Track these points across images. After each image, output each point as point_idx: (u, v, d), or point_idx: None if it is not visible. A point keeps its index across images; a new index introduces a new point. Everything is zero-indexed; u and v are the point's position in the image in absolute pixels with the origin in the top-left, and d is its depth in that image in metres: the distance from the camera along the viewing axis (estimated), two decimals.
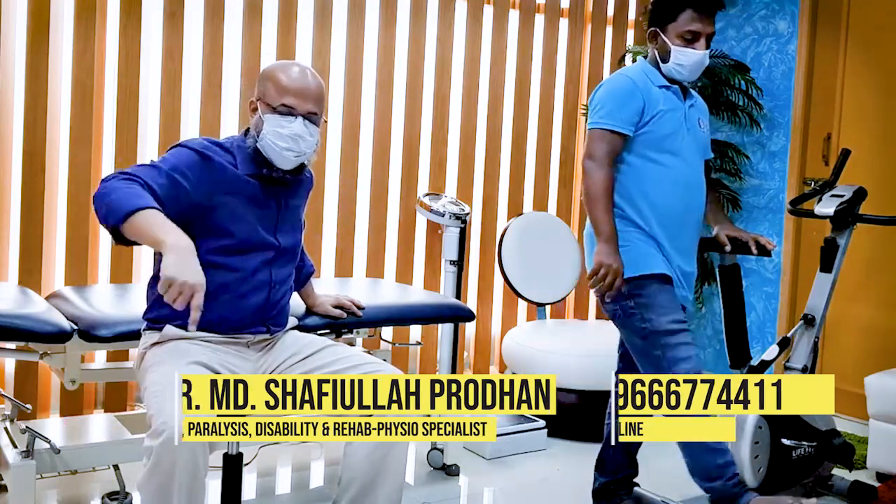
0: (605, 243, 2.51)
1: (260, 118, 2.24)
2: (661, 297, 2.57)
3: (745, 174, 4.48)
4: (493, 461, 3.40)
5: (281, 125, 2.21)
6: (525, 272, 4.15)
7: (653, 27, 2.64)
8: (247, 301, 2.25)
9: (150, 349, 2.18)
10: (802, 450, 2.87)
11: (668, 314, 2.55)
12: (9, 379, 3.22)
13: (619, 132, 2.55)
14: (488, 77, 4.22)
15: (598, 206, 2.53)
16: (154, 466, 1.84)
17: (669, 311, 2.55)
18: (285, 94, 2.21)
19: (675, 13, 2.58)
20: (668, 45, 2.59)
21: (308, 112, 2.23)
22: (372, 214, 3.93)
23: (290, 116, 2.21)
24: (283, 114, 2.21)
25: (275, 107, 2.21)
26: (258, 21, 3.56)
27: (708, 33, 2.59)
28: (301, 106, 2.22)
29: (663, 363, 2.53)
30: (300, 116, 2.22)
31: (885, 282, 4.00)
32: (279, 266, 2.31)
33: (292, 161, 2.25)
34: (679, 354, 2.51)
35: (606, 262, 2.48)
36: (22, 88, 3.15)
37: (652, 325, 2.55)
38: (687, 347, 2.53)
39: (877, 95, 4.05)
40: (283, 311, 2.37)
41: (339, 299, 2.70)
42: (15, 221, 3.20)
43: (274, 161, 2.24)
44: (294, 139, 2.22)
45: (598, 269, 2.49)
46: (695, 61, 2.59)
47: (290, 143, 2.22)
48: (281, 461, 3.29)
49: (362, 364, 2.24)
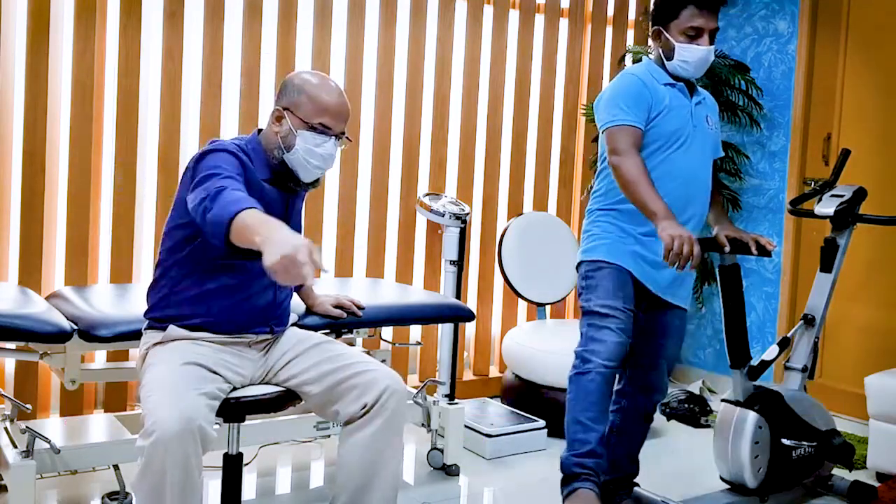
0: (664, 219, 2.41)
1: (291, 131, 2.23)
2: (607, 282, 2.60)
3: (745, 174, 4.48)
4: (493, 461, 3.40)
5: (316, 144, 2.23)
6: (525, 272, 4.15)
7: (656, 25, 2.64)
8: (253, 301, 2.26)
9: (151, 349, 2.18)
10: (802, 450, 2.87)
11: (605, 298, 2.58)
12: (9, 379, 3.22)
13: (638, 127, 2.54)
14: (488, 77, 4.22)
15: (639, 187, 2.47)
16: (146, 466, 1.84)
17: (607, 297, 2.58)
18: (324, 114, 2.23)
19: (677, 10, 2.58)
20: (672, 42, 2.59)
21: (340, 133, 2.28)
22: (372, 214, 3.93)
23: (325, 136, 2.24)
24: (318, 132, 2.24)
25: (312, 124, 2.23)
26: (258, 21, 3.56)
27: (711, 29, 2.59)
28: (337, 127, 2.26)
29: (582, 339, 2.61)
30: (334, 137, 2.26)
31: (885, 282, 4.00)
32: None
33: (316, 176, 2.30)
34: (597, 336, 2.56)
35: (676, 233, 2.36)
36: (22, 88, 3.14)
37: (589, 304, 2.61)
38: (608, 332, 2.55)
39: (877, 95, 4.05)
40: (286, 311, 2.38)
41: (339, 299, 2.70)
42: (15, 221, 3.20)
43: (300, 175, 2.27)
44: (325, 158, 2.26)
45: (672, 242, 2.35)
46: (699, 57, 2.58)
47: (321, 161, 2.26)
48: (281, 461, 3.29)
49: (354, 364, 2.24)
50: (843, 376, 4.12)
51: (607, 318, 2.57)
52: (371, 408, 2.16)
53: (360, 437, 2.17)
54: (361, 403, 2.17)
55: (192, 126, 3.51)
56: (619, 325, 2.57)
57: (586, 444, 2.56)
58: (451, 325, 3.42)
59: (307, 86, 2.25)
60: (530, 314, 4.42)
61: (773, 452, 2.81)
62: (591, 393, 2.55)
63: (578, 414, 2.57)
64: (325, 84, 2.27)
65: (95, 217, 3.34)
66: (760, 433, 2.78)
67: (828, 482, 3.07)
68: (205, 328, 2.20)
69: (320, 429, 3.02)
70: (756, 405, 2.80)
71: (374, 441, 2.16)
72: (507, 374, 3.99)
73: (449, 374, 3.40)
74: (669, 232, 2.36)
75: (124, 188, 3.34)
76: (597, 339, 2.57)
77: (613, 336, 2.56)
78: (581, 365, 2.57)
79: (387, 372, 2.23)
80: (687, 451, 3.63)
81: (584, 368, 2.56)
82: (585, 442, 2.56)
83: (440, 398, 3.30)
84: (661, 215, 2.42)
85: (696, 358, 4.77)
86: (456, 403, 3.27)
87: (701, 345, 4.75)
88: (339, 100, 2.27)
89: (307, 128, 2.23)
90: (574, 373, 2.59)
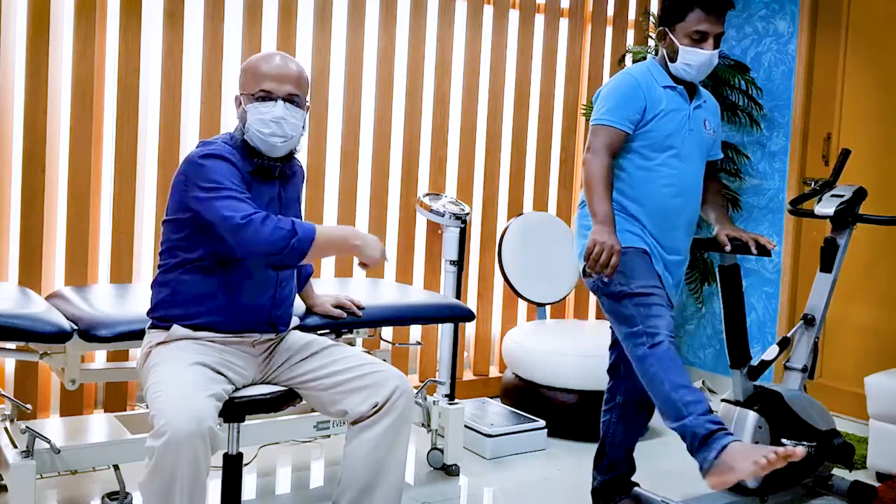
0: (601, 224, 2.49)
1: (244, 110, 2.23)
2: (637, 262, 2.58)
3: (745, 174, 4.48)
4: (493, 461, 3.40)
5: (262, 111, 2.19)
6: (525, 272, 4.15)
7: (661, 26, 2.64)
8: (255, 300, 2.26)
9: (154, 348, 2.18)
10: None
11: (642, 279, 2.56)
12: (9, 379, 3.22)
13: (619, 129, 2.56)
14: (488, 77, 4.22)
15: (594, 190, 2.53)
16: (156, 467, 1.85)
17: (644, 277, 2.56)
18: (263, 80, 2.21)
19: (683, 13, 2.58)
20: (676, 44, 2.59)
21: (288, 94, 2.22)
22: (372, 214, 3.93)
23: (270, 101, 2.20)
24: (262, 99, 2.20)
25: (254, 94, 2.21)
26: (258, 21, 3.56)
27: (716, 33, 2.59)
28: (279, 89, 2.21)
29: (637, 320, 2.52)
30: (280, 100, 2.20)
31: (885, 282, 4.00)
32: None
33: (280, 147, 2.23)
34: (652, 312, 2.51)
35: (601, 240, 2.46)
36: (22, 88, 3.14)
37: (628, 287, 2.55)
38: (659, 308, 2.53)
39: (877, 95, 4.05)
40: (288, 309, 2.38)
41: (339, 299, 2.69)
42: (15, 221, 3.20)
43: (263, 150, 2.23)
44: (277, 123, 2.19)
45: (593, 247, 2.47)
46: (702, 61, 2.59)
47: (273, 127, 2.19)
48: (281, 461, 3.29)
49: (363, 364, 2.24)
50: (843, 376, 4.11)
51: (652, 297, 2.55)
52: (381, 407, 2.17)
53: (369, 435, 2.17)
54: (372, 403, 2.18)
55: (192, 126, 3.51)
56: (663, 302, 2.57)
57: (701, 402, 2.41)
58: (451, 325, 3.42)
59: (249, 63, 2.27)
60: (530, 314, 4.42)
61: None
62: (674, 359, 2.46)
63: (677, 378, 2.43)
64: (266, 56, 2.27)
65: (95, 217, 3.34)
66: (760, 433, 2.78)
67: (828, 482, 3.07)
68: (208, 327, 2.20)
69: (320, 429, 3.02)
70: (756, 405, 2.80)
71: (381, 440, 2.17)
72: (507, 374, 3.99)
73: (449, 374, 3.40)
74: (595, 237, 2.47)
75: (124, 188, 3.34)
76: (653, 315, 2.52)
77: (665, 311, 2.54)
78: (650, 339, 2.49)
79: (395, 372, 2.25)
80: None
81: (655, 341, 2.48)
82: (699, 401, 2.41)
83: (440, 398, 3.30)
84: (599, 218, 2.50)
85: (696, 358, 4.77)
86: (456, 403, 3.27)
87: (701, 345, 4.75)
88: (278, 63, 2.23)
89: (252, 100, 2.21)
90: (647, 347, 2.48)
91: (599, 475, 2.83)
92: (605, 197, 2.52)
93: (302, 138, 2.31)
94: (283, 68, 2.23)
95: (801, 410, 2.89)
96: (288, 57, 2.28)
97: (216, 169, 2.14)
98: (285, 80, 2.22)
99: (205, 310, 2.20)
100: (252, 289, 2.25)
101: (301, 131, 2.27)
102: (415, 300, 3.14)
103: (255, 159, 2.24)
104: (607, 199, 2.53)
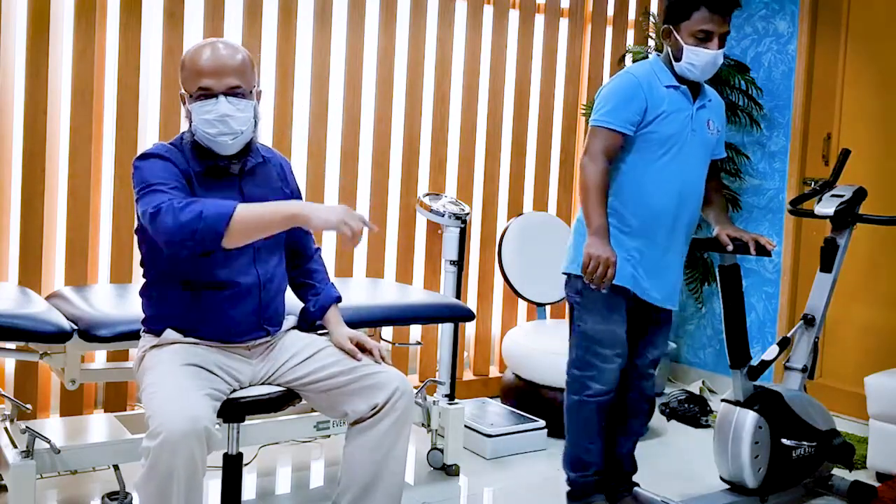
0: (595, 235, 2.50)
1: (188, 109, 2.11)
2: (601, 304, 2.62)
3: (745, 174, 4.48)
4: (493, 461, 3.40)
5: (205, 111, 2.07)
6: (525, 272, 4.15)
7: (667, 24, 2.63)
8: (240, 309, 2.19)
9: (148, 351, 2.17)
10: (802, 450, 2.87)
11: (602, 323, 2.62)
12: (9, 379, 3.22)
13: (618, 131, 2.55)
14: (488, 77, 4.22)
15: (589, 198, 2.53)
16: (152, 467, 1.84)
17: (604, 321, 2.62)
18: (199, 77, 2.06)
19: (688, 12, 2.56)
20: (681, 43, 2.57)
21: (229, 88, 2.07)
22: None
23: (211, 98, 2.06)
24: (203, 97, 2.07)
25: (193, 94, 2.09)
26: (258, 21, 3.56)
27: (722, 33, 2.57)
28: (218, 84, 2.06)
29: (578, 361, 2.68)
30: (221, 95, 2.06)
31: (885, 282, 4.00)
32: (263, 262, 2.23)
33: (231, 145, 2.11)
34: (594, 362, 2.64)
35: (596, 254, 2.47)
36: (22, 88, 3.14)
37: (585, 326, 2.65)
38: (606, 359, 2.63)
39: (877, 95, 4.05)
40: (277, 310, 2.31)
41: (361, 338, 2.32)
42: (15, 221, 3.20)
43: (214, 150, 2.12)
44: (222, 121, 2.06)
45: (589, 261, 2.48)
46: (707, 61, 2.57)
47: (219, 126, 2.07)
48: (281, 461, 3.29)
49: (364, 366, 2.23)
50: (843, 376, 4.11)
51: (604, 345, 2.62)
52: (381, 408, 2.16)
53: (369, 436, 2.16)
54: (372, 404, 2.16)
55: None
56: (617, 352, 2.63)
57: (591, 465, 2.72)
58: (451, 325, 3.42)
59: (185, 58, 2.11)
60: (530, 314, 4.42)
61: (773, 452, 2.81)
62: (593, 422, 2.67)
63: (582, 440, 2.70)
64: (200, 48, 2.10)
65: (95, 217, 3.34)
66: (760, 433, 2.78)
67: (828, 482, 3.07)
68: (198, 337, 2.18)
69: (320, 429, 3.02)
70: (756, 405, 2.80)
71: (382, 441, 2.16)
72: (507, 374, 3.99)
73: (449, 374, 3.40)
74: (590, 251, 2.49)
75: (124, 188, 3.33)
76: (595, 366, 2.64)
77: (612, 364, 2.63)
78: (580, 391, 2.66)
79: (396, 374, 2.22)
80: (687, 451, 3.63)
81: (583, 397, 2.66)
82: (590, 464, 2.72)
83: (440, 398, 3.30)
84: (593, 230, 2.52)
85: (696, 358, 4.77)
86: (456, 403, 3.27)
87: (701, 345, 4.75)
88: (212, 56, 2.06)
89: (193, 99, 2.08)
90: (573, 401, 2.69)
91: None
92: (601, 205, 2.53)
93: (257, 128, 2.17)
94: (218, 60, 2.06)
95: (801, 410, 2.89)
96: (223, 44, 2.11)
97: (146, 167, 2.06)
98: (223, 73, 2.06)
99: (189, 325, 2.16)
100: (235, 300, 2.18)
101: (252, 122, 2.13)
102: (415, 300, 3.14)
103: (208, 160, 2.14)
104: (602, 207, 2.53)
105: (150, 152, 2.12)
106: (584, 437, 2.69)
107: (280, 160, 2.38)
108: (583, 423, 2.68)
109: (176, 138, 2.21)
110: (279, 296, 2.32)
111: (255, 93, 2.17)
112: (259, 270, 2.22)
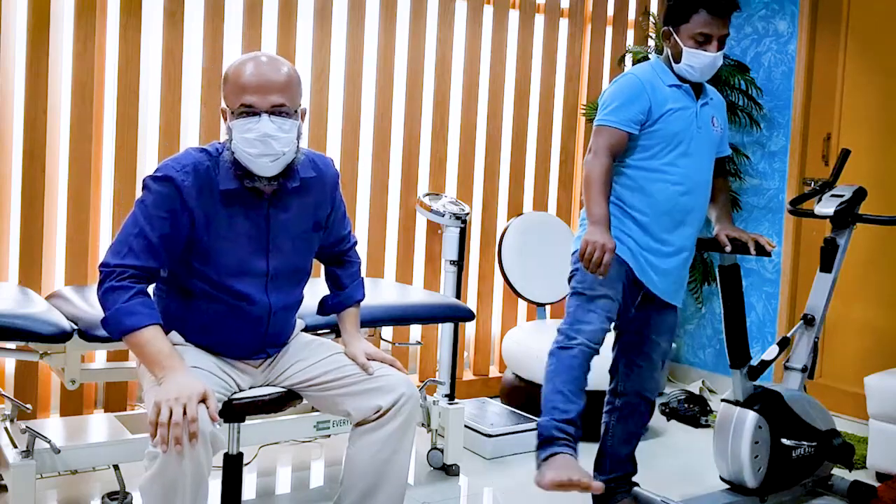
0: (595, 224, 2.49)
1: (229, 126, 2.02)
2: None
3: (745, 174, 4.48)
4: (493, 461, 3.40)
5: (246, 129, 1.98)
6: (525, 272, 4.15)
7: (667, 26, 2.63)
8: (243, 334, 2.16)
9: None
10: (802, 450, 2.87)
11: (597, 282, 2.56)
12: (9, 379, 3.22)
13: (621, 130, 2.56)
14: (488, 77, 4.22)
15: (592, 190, 2.53)
16: (158, 472, 1.83)
17: (600, 284, 2.56)
18: (243, 93, 1.98)
19: (688, 14, 2.57)
20: (681, 45, 2.58)
21: (273, 106, 1.98)
22: (372, 214, 3.93)
23: (254, 116, 1.98)
24: (245, 115, 1.98)
25: (235, 111, 2.00)
26: (258, 21, 3.56)
27: (721, 35, 2.58)
28: (261, 103, 1.97)
29: (569, 318, 2.60)
30: (264, 114, 1.98)
31: (884, 282, 4.00)
32: (278, 291, 2.18)
33: (271, 167, 2.01)
34: (585, 317, 2.56)
35: (593, 240, 2.45)
36: (22, 87, 3.14)
37: (580, 285, 2.59)
38: (594, 315, 2.56)
39: (877, 95, 4.05)
40: (283, 331, 2.27)
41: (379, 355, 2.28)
42: (15, 221, 3.20)
43: (253, 170, 2.02)
44: (263, 141, 1.97)
45: (585, 247, 2.46)
46: (706, 64, 2.58)
47: (260, 146, 1.97)
48: (281, 461, 3.29)
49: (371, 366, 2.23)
50: (843, 376, 4.12)
51: (595, 302, 2.57)
52: (386, 412, 2.14)
53: (373, 438, 2.14)
54: (376, 406, 2.14)
55: (192, 126, 3.50)
56: (606, 311, 2.58)
57: (567, 412, 2.54)
58: (451, 325, 3.42)
59: (228, 73, 2.03)
60: (530, 314, 4.42)
61: (773, 452, 2.81)
62: (574, 368, 2.54)
63: (560, 385, 2.55)
64: (242, 63, 2.01)
65: (95, 217, 3.34)
66: (760, 433, 2.78)
67: (828, 482, 3.07)
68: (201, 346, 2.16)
69: (320, 429, 3.02)
70: (756, 405, 2.80)
71: (385, 443, 2.14)
72: (507, 374, 3.99)
73: (449, 374, 3.40)
74: (587, 237, 2.48)
75: (124, 188, 3.34)
76: (583, 321, 2.57)
77: (598, 320, 2.57)
78: (565, 341, 2.57)
79: (402, 378, 2.20)
80: (687, 451, 3.63)
81: (567, 344, 2.56)
82: (566, 411, 2.54)
83: (440, 398, 3.30)
84: (594, 219, 2.51)
85: (696, 358, 4.77)
86: (456, 403, 3.27)
87: (701, 345, 4.75)
88: (256, 72, 1.98)
89: (235, 116, 2.00)
90: (557, 347, 2.58)
91: (600, 475, 2.83)
92: (602, 199, 2.52)
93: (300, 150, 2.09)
94: (263, 77, 1.98)
95: (800, 410, 2.90)
96: (269, 59, 2.03)
97: (143, 199, 2.03)
98: (268, 91, 1.97)
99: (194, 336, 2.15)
100: (239, 323, 2.14)
101: (295, 143, 2.03)
102: (415, 300, 3.14)
103: (244, 180, 2.05)
104: (604, 200, 2.53)
105: (163, 175, 2.03)
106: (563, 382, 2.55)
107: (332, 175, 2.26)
108: (565, 368, 2.55)
109: (213, 146, 2.11)
110: (289, 324, 2.29)
111: (300, 112, 2.08)
112: (271, 300, 2.17)
